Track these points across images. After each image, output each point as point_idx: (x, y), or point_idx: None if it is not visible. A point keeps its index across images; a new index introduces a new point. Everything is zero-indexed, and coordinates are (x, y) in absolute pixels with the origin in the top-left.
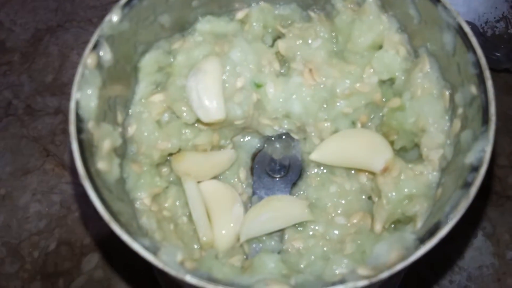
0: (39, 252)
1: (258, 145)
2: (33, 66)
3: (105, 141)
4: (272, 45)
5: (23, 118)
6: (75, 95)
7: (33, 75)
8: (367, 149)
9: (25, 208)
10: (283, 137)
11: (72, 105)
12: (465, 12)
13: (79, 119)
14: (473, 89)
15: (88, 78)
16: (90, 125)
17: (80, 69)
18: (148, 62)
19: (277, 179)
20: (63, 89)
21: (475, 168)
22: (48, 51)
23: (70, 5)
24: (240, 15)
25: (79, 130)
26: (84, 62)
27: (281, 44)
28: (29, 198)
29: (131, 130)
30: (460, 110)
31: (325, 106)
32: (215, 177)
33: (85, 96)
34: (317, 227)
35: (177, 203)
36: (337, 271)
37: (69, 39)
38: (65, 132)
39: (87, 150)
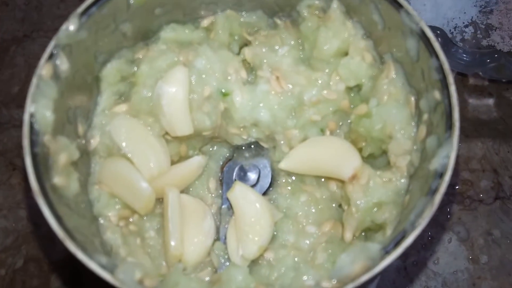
0: (6, 270)
1: (227, 154)
2: None
3: (61, 155)
4: (238, 53)
5: None
6: (29, 107)
7: None
8: (336, 157)
9: None
10: (252, 146)
11: (26, 118)
12: (433, 18)
13: (33, 133)
14: (437, 95)
15: (43, 89)
16: (45, 138)
17: (34, 81)
18: (110, 72)
19: None
20: None
21: (439, 175)
22: (14, 62)
23: (37, 14)
24: (205, 22)
25: (33, 144)
26: (39, 73)
27: (247, 52)
28: None
29: (94, 142)
30: (425, 116)
31: (293, 114)
32: (185, 189)
33: (40, 108)
34: (287, 237)
35: (145, 217)
36: (306, 283)
37: (36, 50)
38: None
39: (42, 164)
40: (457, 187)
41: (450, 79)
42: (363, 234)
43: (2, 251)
